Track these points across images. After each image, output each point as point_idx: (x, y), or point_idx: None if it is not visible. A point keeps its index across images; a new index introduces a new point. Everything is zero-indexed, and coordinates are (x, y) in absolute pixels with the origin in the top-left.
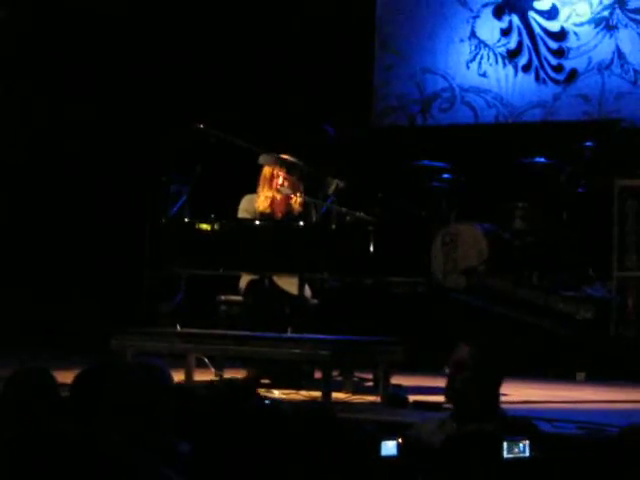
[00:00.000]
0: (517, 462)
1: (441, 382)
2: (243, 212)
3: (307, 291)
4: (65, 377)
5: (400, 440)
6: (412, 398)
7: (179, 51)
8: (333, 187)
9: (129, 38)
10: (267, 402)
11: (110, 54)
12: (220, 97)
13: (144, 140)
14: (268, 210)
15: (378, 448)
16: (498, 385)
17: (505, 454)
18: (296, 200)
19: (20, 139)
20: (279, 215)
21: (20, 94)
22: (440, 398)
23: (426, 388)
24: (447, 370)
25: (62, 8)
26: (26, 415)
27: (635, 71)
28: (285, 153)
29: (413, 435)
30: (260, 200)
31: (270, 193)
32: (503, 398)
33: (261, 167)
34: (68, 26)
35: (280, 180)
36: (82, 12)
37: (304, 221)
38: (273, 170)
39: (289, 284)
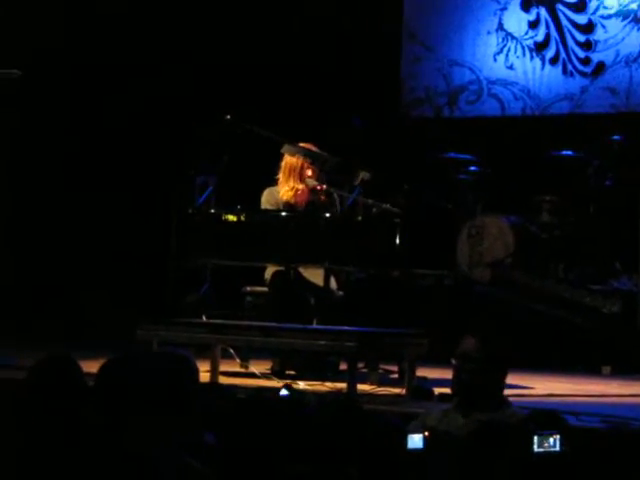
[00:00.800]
0: (546, 456)
1: None
2: (266, 204)
3: (333, 283)
4: (91, 367)
5: (427, 433)
6: (437, 390)
7: (208, 41)
8: (359, 179)
9: (156, 30)
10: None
11: (138, 46)
12: (249, 89)
13: (172, 132)
14: (292, 201)
15: (404, 441)
16: (503, 376)
17: (535, 448)
18: (321, 191)
19: (51, 128)
20: (303, 206)
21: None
22: None
23: (451, 381)
24: (453, 362)
25: None
26: (51, 402)
27: None
28: (309, 143)
29: (417, 426)
30: (284, 190)
31: (296, 184)
32: (529, 391)
33: (282, 157)
34: (94, 20)
35: (309, 172)
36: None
37: (328, 212)
38: (302, 161)
39: (315, 275)
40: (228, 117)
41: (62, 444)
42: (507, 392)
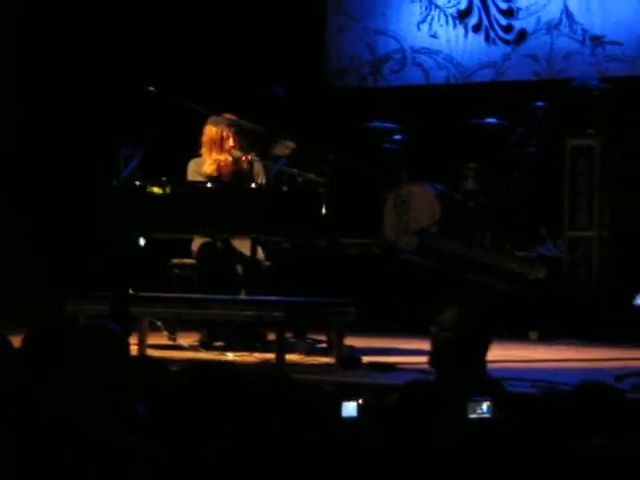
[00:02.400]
0: (480, 422)
1: (393, 343)
2: (192, 175)
3: (260, 253)
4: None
5: (360, 401)
6: (366, 359)
7: (127, 12)
8: (284, 148)
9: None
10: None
11: (61, 18)
12: (170, 59)
13: (94, 104)
14: (215, 173)
15: (338, 409)
16: (482, 348)
17: (469, 414)
18: (246, 161)
19: None
20: (227, 176)
21: None
22: (393, 359)
23: (379, 349)
24: (432, 331)
25: None
26: None
27: (583, 30)
28: (232, 113)
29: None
30: (207, 164)
31: (219, 156)
32: None
33: (203, 129)
34: None
35: (230, 142)
36: None
37: (251, 180)
38: (222, 132)
39: (242, 246)
40: (151, 88)
41: None
42: None
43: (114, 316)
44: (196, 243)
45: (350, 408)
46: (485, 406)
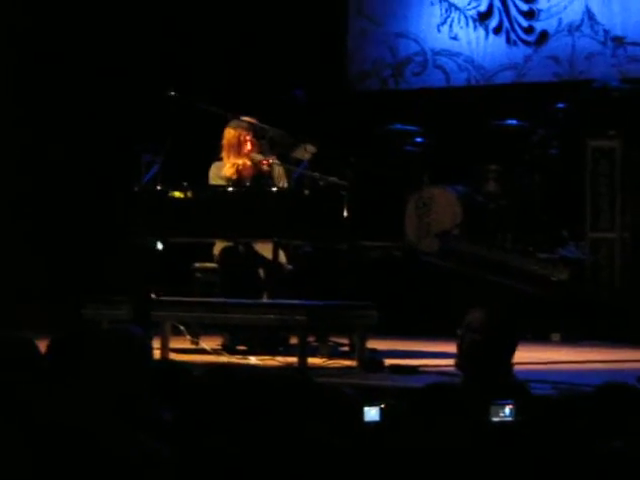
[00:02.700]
0: (502, 425)
1: (415, 346)
2: (214, 179)
3: (282, 257)
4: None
5: (383, 406)
6: (388, 362)
7: (149, 18)
8: (305, 152)
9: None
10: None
11: (80, 22)
12: (192, 64)
13: (115, 108)
14: (235, 177)
15: (361, 414)
16: (509, 350)
17: (491, 417)
18: (267, 165)
19: None
20: (248, 180)
21: None
22: (415, 362)
23: (401, 352)
24: (458, 333)
25: None
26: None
27: (605, 31)
28: (252, 117)
29: None
30: (226, 167)
31: (238, 160)
32: None
33: (223, 132)
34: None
35: (248, 146)
36: None
37: (271, 184)
38: (239, 135)
39: (264, 249)
40: (172, 93)
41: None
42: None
43: (135, 320)
44: (218, 247)
45: (373, 413)
46: (508, 409)
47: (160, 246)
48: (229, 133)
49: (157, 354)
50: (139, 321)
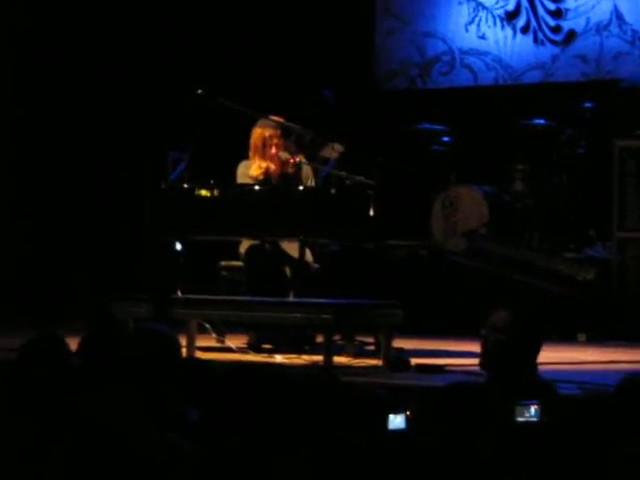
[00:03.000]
0: (527, 425)
1: (441, 345)
2: (242, 178)
3: (308, 255)
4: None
5: (408, 413)
6: (414, 361)
7: (176, 16)
8: (332, 151)
9: (125, 4)
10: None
11: (106, 22)
12: (219, 62)
13: (143, 106)
14: (262, 177)
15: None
16: (534, 350)
17: (517, 418)
18: (294, 164)
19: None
20: (275, 178)
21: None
22: (442, 361)
23: (428, 351)
24: (482, 333)
25: None
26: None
27: (633, 31)
28: (280, 116)
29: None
30: (254, 167)
31: (262, 163)
32: None
33: (251, 131)
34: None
35: (273, 149)
36: None
37: (299, 183)
38: (265, 137)
39: (290, 248)
40: (200, 91)
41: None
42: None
43: (155, 318)
44: (244, 245)
45: (398, 421)
46: (533, 409)
47: (179, 246)
48: (256, 132)
49: (183, 352)
50: (159, 319)
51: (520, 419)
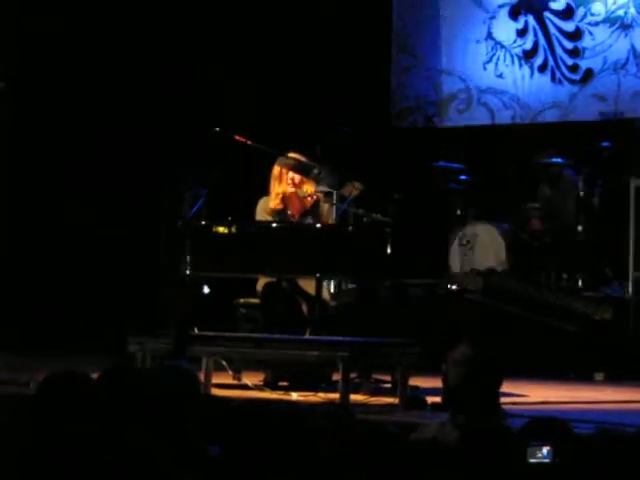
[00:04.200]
0: (540, 467)
1: None
2: (260, 214)
3: (325, 293)
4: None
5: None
6: (430, 400)
7: (194, 53)
8: (352, 189)
9: (147, 41)
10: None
11: (126, 55)
12: (236, 100)
13: (160, 144)
14: (280, 206)
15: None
16: (495, 383)
17: (529, 459)
18: (312, 201)
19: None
20: (293, 211)
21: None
22: None
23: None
24: (443, 368)
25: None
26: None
27: None
28: (300, 153)
29: (417, 437)
30: (271, 198)
31: (280, 189)
32: (522, 399)
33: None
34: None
35: (290, 174)
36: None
37: (316, 220)
38: (282, 169)
39: (307, 285)
40: (216, 129)
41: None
42: (501, 400)
43: (173, 355)
44: (261, 283)
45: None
46: (545, 450)
47: (207, 290)
48: (275, 170)
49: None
50: (176, 355)
51: (532, 460)
